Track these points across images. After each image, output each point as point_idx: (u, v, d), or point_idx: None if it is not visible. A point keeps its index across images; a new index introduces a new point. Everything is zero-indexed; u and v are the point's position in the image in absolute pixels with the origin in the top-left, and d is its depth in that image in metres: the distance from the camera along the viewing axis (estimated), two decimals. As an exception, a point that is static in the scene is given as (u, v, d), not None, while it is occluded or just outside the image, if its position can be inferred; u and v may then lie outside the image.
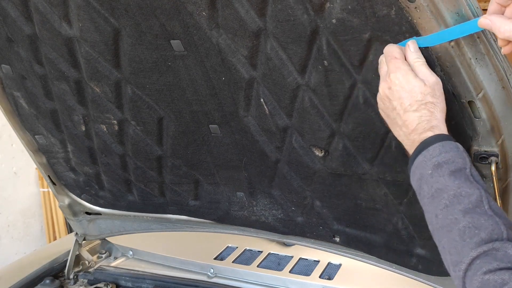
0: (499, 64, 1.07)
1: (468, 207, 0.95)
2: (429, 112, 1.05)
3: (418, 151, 1.06)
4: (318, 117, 1.35)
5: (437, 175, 1.01)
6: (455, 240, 0.94)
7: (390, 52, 1.09)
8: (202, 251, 2.23)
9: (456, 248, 0.94)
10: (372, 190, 1.47)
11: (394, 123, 1.11)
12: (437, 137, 1.04)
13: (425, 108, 1.06)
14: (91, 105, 1.65)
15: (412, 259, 1.55)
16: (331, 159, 1.44)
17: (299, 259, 2.12)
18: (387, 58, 1.09)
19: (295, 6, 1.13)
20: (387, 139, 1.31)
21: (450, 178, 0.99)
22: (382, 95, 1.11)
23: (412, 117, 1.06)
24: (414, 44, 1.07)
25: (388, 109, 1.11)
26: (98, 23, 1.37)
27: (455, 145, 1.04)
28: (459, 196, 0.97)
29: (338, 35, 1.14)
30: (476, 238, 0.92)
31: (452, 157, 1.01)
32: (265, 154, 1.54)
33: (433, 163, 1.02)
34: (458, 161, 1.01)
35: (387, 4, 1.04)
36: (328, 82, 1.25)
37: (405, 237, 1.51)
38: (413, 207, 1.42)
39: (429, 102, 1.05)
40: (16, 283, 2.11)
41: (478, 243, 0.91)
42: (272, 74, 1.30)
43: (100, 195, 2.06)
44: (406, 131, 1.08)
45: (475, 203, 0.95)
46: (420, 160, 1.05)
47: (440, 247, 1.00)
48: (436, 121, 1.06)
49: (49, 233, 4.64)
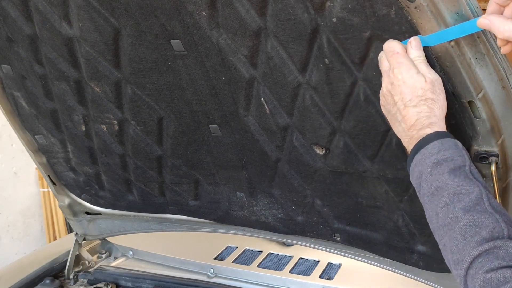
0: (499, 64, 1.07)
1: (468, 205, 0.95)
2: (428, 108, 1.05)
3: (416, 148, 1.06)
4: (319, 115, 1.35)
5: (437, 173, 1.01)
6: (456, 239, 0.94)
7: (391, 48, 1.08)
8: (202, 251, 2.23)
9: (457, 247, 0.94)
10: (372, 187, 1.47)
11: (394, 118, 1.10)
12: (436, 134, 1.04)
13: (425, 104, 1.05)
14: (91, 105, 1.65)
15: (413, 256, 1.55)
16: (332, 157, 1.44)
17: (299, 259, 2.12)
18: (388, 54, 1.08)
19: (296, 5, 1.13)
20: (387, 137, 1.31)
21: (449, 176, 0.99)
22: (385, 91, 1.10)
23: (411, 112, 1.06)
24: (416, 41, 1.07)
25: (389, 104, 1.10)
26: (98, 23, 1.37)
27: (454, 143, 1.04)
28: (459, 194, 0.97)
29: (338, 33, 1.14)
30: (477, 237, 0.92)
31: (451, 155, 1.01)
32: (265, 153, 1.53)
33: (432, 161, 1.02)
34: (457, 159, 1.01)
35: (387, 3, 1.04)
36: (329, 80, 1.25)
37: (406, 234, 1.52)
38: (413, 204, 1.42)
39: (429, 98, 1.05)
40: (16, 283, 2.11)
41: (479, 241, 0.91)
42: (273, 73, 1.30)
43: (100, 195, 2.06)
44: (405, 127, 1.07)
45: (475, 201, 0.96)
46: (419, 158, 1.05)
47: (441, 245, 1.00)
48: (435, 118, 1.05)
49: (49, 233, 4.64)
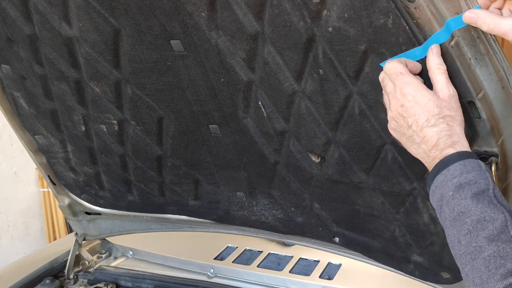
0: (499, 64, 1.07)
1: (492, 233, 0.91)
2: (448, 126, 1.00)
3: (437, 169, 1.01)
4: (314, 124, 1.34)
5: (459, 197, 0.96)
6: (480, 270, 0.90)
7: (393, 69, 1.03)
8: (202, 251, 2.23)
9: (480, 279, 0.89)
10: (369, 197, 1.46)
11: (411, 141, 1.04)
12: (458, 155, 0.99)
13: (444, 122, 1.00)
14: (91, 105, 1.65)
15: (409, 266, 1.54)
16: (327, 165, 1.43)
17: (299, 259, 2.12)
18: (392, 76, 1.03)
19: (292, 12, 1.12)
20: (382, 151, 1.30)
21: (472, 201, 0.94)
22: (395, 114, 1.05)
23: (431, 132, 1.01)
24: (437, 48, 1.02)
25: (402, 127, 1.05)
26: (98, 23, 1.37)
27: (477, 164, 0.99)
28: (482, 221, 0.92)
29: (334, 44, 1.13)
30: (502, 269, 0.87)
31: (474, 178, 0.96)
32: (264, 155, 1.53)
33: (454, 184, 0.97)
34: (481, 182, 0.96)
35: (384, 12, 1.02)
36: (323, 91, 1.24)
37: (402, 244, 1.50)
38: (410, 217, 1.41)
39: (447, 116, 1.01)
40: (16, 283, 2.11)
41: (504, 274, 0.87)
42: (269, 78, 1.30)
43: (100, 195, 2.06)
44: (426, 148, 1.02)
45: (500, 229, 0.91)
46: (440, 179, 1.00)
47: (463, 274, 0.95)
48: (456, 136, 1.01)
49: (49, 233, 4.64)
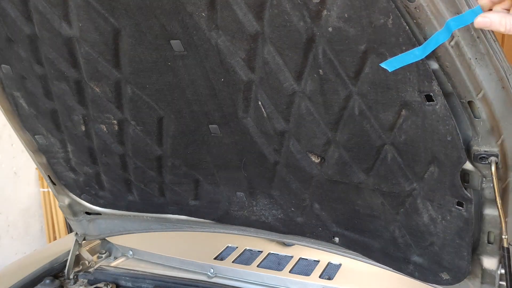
0: (499, 64, 1.07)
1: None
2: None
3: None
4: (314, 125, 1.34)
5: None
6: None
7: None
8: (202, 251, 2.23)
9: None
10: (369, 198, 1.46)
11: None
12: None
13: None
14: (91, 105, 1.65)
15: (409, 266, 1.54)
16: (327, 166, 1.43)
17: (299, 259, 2.12)
18: None
19: (292, 12, 1.12)
20: (382, 152, 1.30)
21: None
22: None
23: None
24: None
25: None
26: (98, 23, 1.37)
27: None
28: None
29: (334, 44, 1.13)
30: None
31: None
32: (264, 155, 1.53)
33: None
34: None
35: (384, 12, 1.02)
36: (323, 91, 1.24)
37: (402, 244, 1.51)
38: (409, 218, 1.41)
39: None
40: (16, 283, 2.11)
41: None
42: (269, 78, 1.30)
43: (100, 195, 2.06)
44: None
45: None
46: None
47: None
48: None
49: (49, 233, 4.64)
